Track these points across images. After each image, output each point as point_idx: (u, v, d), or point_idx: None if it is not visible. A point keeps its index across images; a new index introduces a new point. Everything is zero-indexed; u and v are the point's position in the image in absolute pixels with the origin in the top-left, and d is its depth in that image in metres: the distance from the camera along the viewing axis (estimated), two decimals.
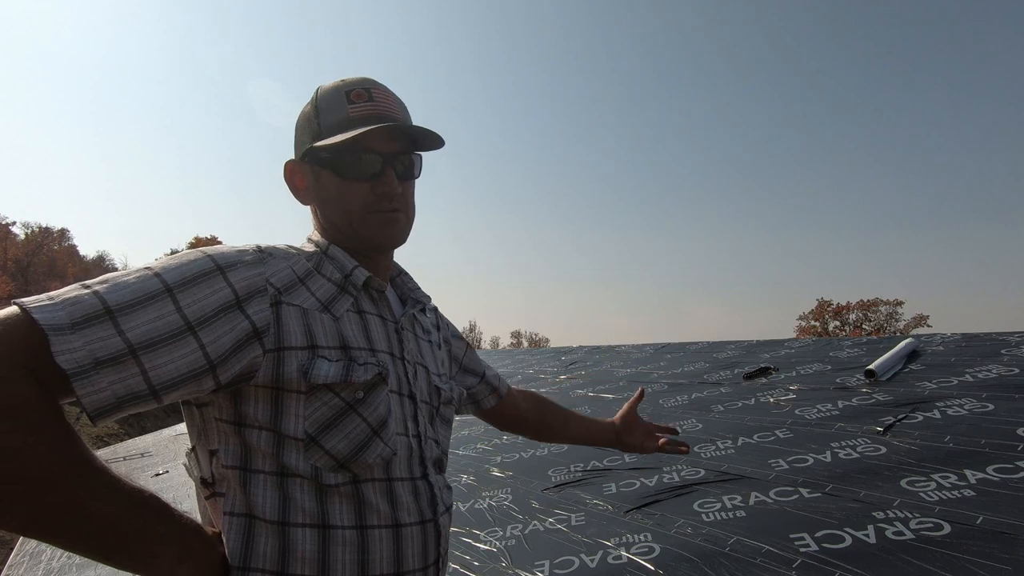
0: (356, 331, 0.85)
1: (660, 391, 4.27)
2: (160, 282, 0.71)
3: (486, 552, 2.22)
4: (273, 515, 0.76)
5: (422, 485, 0.87)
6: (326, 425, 0.78)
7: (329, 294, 0.85)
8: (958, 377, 3.11)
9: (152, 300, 0.69)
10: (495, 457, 3.49)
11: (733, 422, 3.19)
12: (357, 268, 0.89)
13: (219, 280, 0.74)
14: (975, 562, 1.54)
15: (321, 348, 0.80)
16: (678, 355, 5.50)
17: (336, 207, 0.90)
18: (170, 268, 0.73)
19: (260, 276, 0.78)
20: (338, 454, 0.78)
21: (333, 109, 0.89)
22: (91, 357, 0.64)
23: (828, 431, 2.74)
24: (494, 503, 2.73)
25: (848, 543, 1.76)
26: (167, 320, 0.69)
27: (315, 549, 0.76)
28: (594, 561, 1.98)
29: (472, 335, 72.60)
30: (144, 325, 0.67)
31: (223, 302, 0.73)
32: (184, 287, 0.71)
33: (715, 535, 1.98)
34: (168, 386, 0.69)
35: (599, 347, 6.91)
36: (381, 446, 0.81)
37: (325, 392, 0.78)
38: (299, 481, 0.77)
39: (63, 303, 0.65)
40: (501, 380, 1.30)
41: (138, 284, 0.70)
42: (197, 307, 0.71)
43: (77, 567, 3.60)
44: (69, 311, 0.65)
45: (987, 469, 2.03)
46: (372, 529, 0.80)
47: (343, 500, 0.79)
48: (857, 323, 39.19)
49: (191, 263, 0.74)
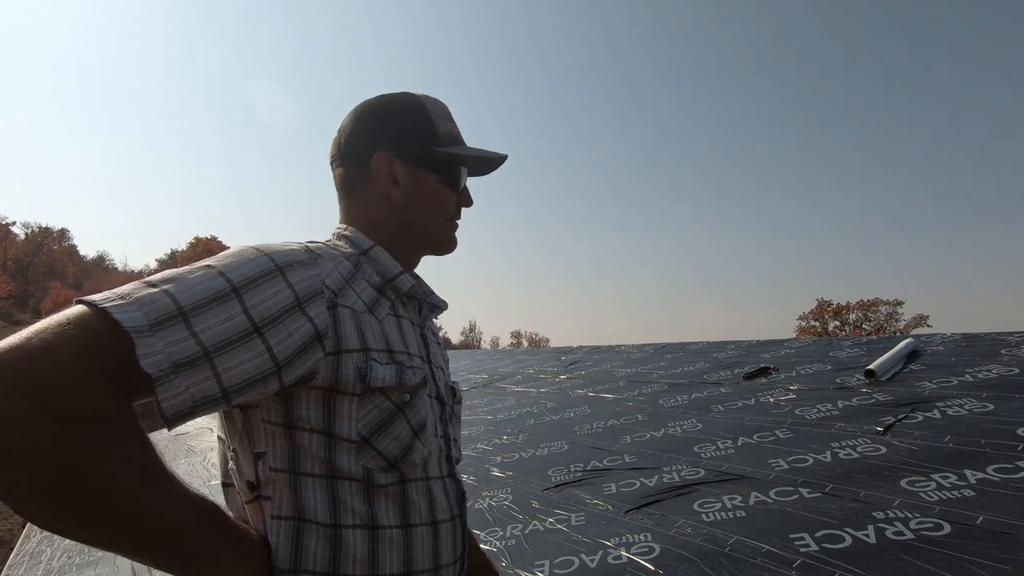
0: (396, 335, 0.86)
1: (660, 391, 4.27)
2: (225, 281, 0.69)
3: (486, 552, 2.22)
4: (325, 517, 0.76)
5: (450, 483, 0.90)
6: (378, 427, 0.79)
7: (371, 297, 0.86)
8: (958, 377, 3.11)
9: (220, 300, 0.68)
10: (495, 457, 3.49)
11: (733, 422, 3.19)
12: (403, 274, 0.91)
13: (280, 281, 0.73)
14: (975, 562, 1.54)
15: (372, 351, 0.81)
16: (678, 355, 5.50)
17: (430, 209, 0.96)
18: (232, 267, 0.71)
19: (316, 277, 0.77)
20: (389, 455, 0.80)
21: (443, 121, 0.97)
22: (170, 360, 0.63)
23: (828, 431, 2.74)
24: (494, 503, 2.73)
25: (848, 543, 1.76)
26: (236, 321, 0.68)
27: (365, 549, 0.77)
28: (594, 561, 1.98)
29: (472, 335, 72.57)
30: (216, 327, 0.66)
31: (286, 303, 0.72)
32: (248, 287, 0.70)
33: (715, 535, 1.98)
34: (239, 388, 0.69)
35: (599, 347, 6.91)
36: (420, 447, 0.84)
37: (377, 395, 0.80)
38: (348, 483, 0.78)
39: (137, 303, 0.63)
40: None
41: (205, 283, 0.68)
42: (262, 308, 0.70)
43: (77, 567, 3.60)
44: (145, 311, 0.63)
45: (987, 469, 2.03)
46: (415, 527, 0.82)
47: (389, 500, 0.80)
48: (857, 323, 39.20)
49: (251, 261, 0.73)
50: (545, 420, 4.16)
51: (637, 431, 3.41)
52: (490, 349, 16.21)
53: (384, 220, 0.94)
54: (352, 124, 0.97)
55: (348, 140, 0.96)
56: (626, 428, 3.52)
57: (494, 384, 5.96)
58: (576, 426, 3.81)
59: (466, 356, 9.03)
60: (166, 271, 0.70)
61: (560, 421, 4.04)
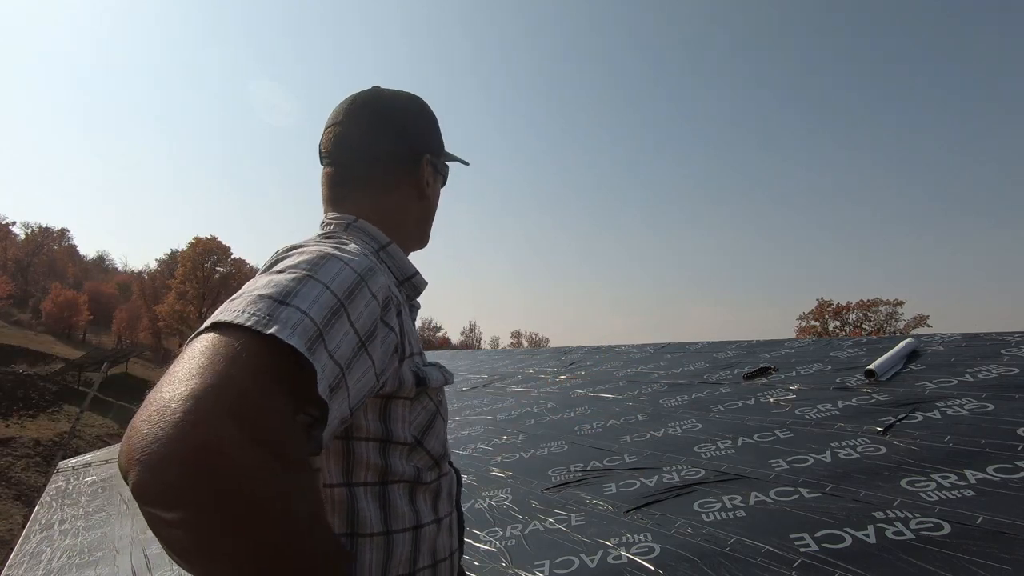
0: (415, 334, 0.87)
1: (660, 391, 4.27)
2: (333, 295, 0.64)
3: (486, 552, 2.22)
4: (378, 526, 0.74)
5: (454, 476, 0.94)
6: (425, 427, 0.82)
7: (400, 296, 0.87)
8: (958, 377, 3.11)
9: (337, 316, 0.63)
10: (495, 457, 3.49)
11: (733, 422, 3.19)
12: (418, 274, 0.93)
13: (366, 291, 0.69)
14: (975, 562, 1.54)
15: (416, 354, 0.82)
16: (678, 355, 5.49)
17: (430, 211, 1.02)
18: (329, 277, 0.66)
19: (386, 286, 0.73)
20: (435, 453, 0.83)
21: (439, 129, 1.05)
22: (327, 385, 0.59)
23: (828, 431, 2.74)
24: (494, 503, 2.73)
25: (848, 543, 1.76)
26: (351, 337, 0.64)
27: (410, 548, 0.78)
28: (594, 561, 1.98)
29: (472, 335, 72.51)
30: (342, 345, 0.62)
31: (375, 315, 0.69)
32: (349, 299, 0.65)
33: (715, 535, 1.98)
34: (357, 406, 0.66)
35: (599, 347, 6.90)
36: (440, 447, 0.87)
37: (424, 396, 0.82)
38: (398, 486, 0.78)
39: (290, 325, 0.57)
40: None
41: (323, 298, 0.63)
42: (362, 321, 0.66)
43: (77, 567, 3.60)
44: (300, 334, 0.57)
45: (987, 469, 2.03)
46: (444, 519, 0.85)
47: (428, 496, 0.82)
48: (857, 323, 39.18)
49: (340, 272, 0.67)
50: (545, 420, 4.16)
51: (637, 431, 3.41)
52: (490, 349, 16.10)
53: (406, 219, 0.96)
54: (381, 122, 0.93)
55: (379, 136, 0.92)
56: (626, 428, 3.52)
57: (494, 384, 5.96)
58: (576, 426, 3.81)
59: (466, 356, 9.02)
60: (272, 280, 0.63)
61: (560, 421, 4.04)
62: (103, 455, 8.10)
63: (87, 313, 49.72)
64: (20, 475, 19.12)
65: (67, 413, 25.11)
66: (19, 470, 19.42)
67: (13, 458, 20.00)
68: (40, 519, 5.15)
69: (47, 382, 28.21)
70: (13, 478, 18.82)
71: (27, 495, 17.50)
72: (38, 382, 27.48)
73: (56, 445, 21.43)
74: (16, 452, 20.46)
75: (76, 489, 6.06)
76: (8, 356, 33.00)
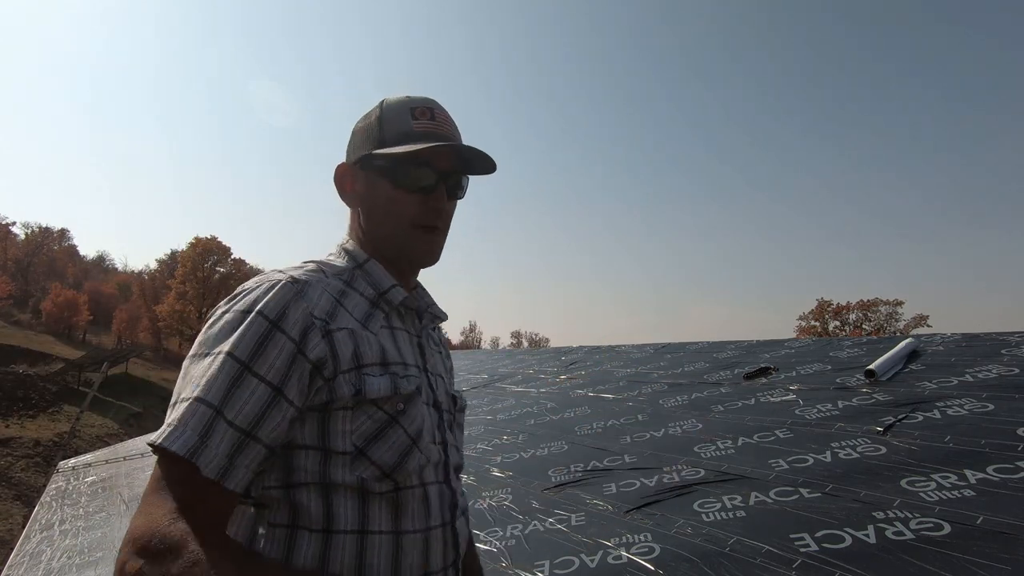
0: (391, 346, 0.88)
1: (660, 391, 4.27)
2: (236, 362, 0.75)
3: (486, 552, 2.22)
4: (317, 523, 0.78)
5: (445, 489, 0.90)
6: (372, 437, 0.81)
7: (364, 311, 0.88)
8: (958, 377, 3.11)
9: (238, 383, 0.74)
10: (495, 457, 3.49)
11: (733, 422, 3.19)
12: (395, 287, 0.92)
13: (279, 336, 0.77)
14: (975, 562, 1.54)
15: (365, 366, 0.82)
16: (678, 355, 5.49)
17: (386, 216, 0.92)
18: (236, 342, 0.76)
19: (306, 312, 0.80)
20: (384, 464, 0.81)
21: (397, 121, 0.91)
22: (227, 457, 0.72)
23: (828, 431, 2.74)
24: (494, 503, 2.73)
25: (848, 543, 1.76)
26: (260, 391, 0.75)
27: (354, 553, 0.78)
28: (594, 561, 1.98)
29: (472, 335, 72.53)
30: (247, 407, 0.74)
31: (291, 354, 0.77)
32: (257, 354, 0.76)
33: (715, 535, 1.98)
34: (280, 441, 0.77)
35: (599, 347, 6.90)
36: (419, 455, 0.85)
37: (370, 406, 0.81)
38: (343, 490, 0.79)
39: (183, 424, 0.72)
40: None
41: (223, 370, 0.75)
42: (277, 367, 0.76)
43: (77, 567, 3.59)
44: (191, 427, 0.72)
45: (987, 469, 2.03)
46: (407, 533, 0.83)
47: (383, 506, 0.81)
48: (857, 323, 39.19)
49: (250, 328, 0.77)
50: (545, 420, 4.16)
51: (637, 431, 3.40)
52: (490, 349, 16.12)
53: (366, 232, 0.95)
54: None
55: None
56: (626, 428, 3.52)
57: (494, 384, 5.96)
58: (576, 426, 3.81)
59: (466, 356, 9.02)
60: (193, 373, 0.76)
61: (560, 421, 4.04)
62: (103, 455, 8.10)
63: (87, 313, 49.72)
64: (20, 475, 19.12)
65: (67, 413, 25.10)
66: (19, 470, 19.42)
67: (13, 458, 20.00)
68: (40, 519, 5.15)
69: (47, 382, 28.19)
70: (13, 478, 18.81)
71: (27, 495, 17.50)
72: (38, 382, 27.47)
73: (56, 445, 21.42)
74: (16, 452, 20.46)
75: (76, 489, 6.06)
76: (8, 356, 32.99)
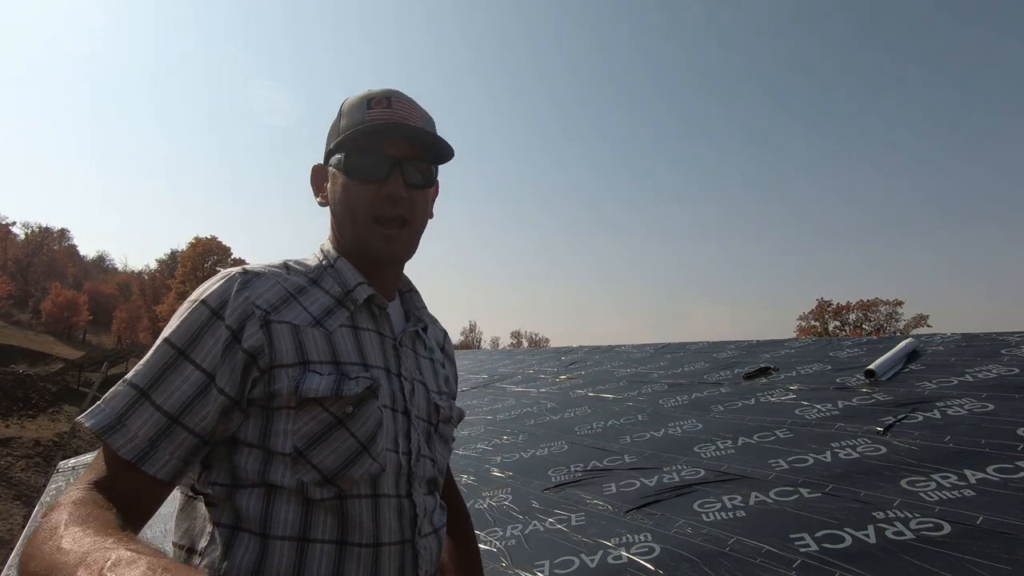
0: (349, 346, 0.84)
1: (660, 391, 4.27)
2: (171, 348, 0.76)
3: (486, 552, 2.21)
4: (256, 526, 0.76)
5: (406, 504, 0.85)
6: (314, 439, 0.77)
7: (324, 308, 0.85)
8: (958, 377, 3.11)
9: (172, 367, 0.76)
10: (495, 457, 3.49)
11: (733, 422, 3.18)
12: (361, 285, 0.89)
13: (218, 324, 0.77)
14: (975, 562, 1.54)
15: (312, 363, 0.80)
16: (678, 355, 5.49)
17: (343, 209, 0.89)
18: (177, 330, 0.77)
19: (247, 301, 0.79)
20: (325, 468, 0.77)
21: (353, 114, 0.90)
22: (147, 438, 0.73)
23: (828, 431, 2.74)
24: (494, 503, 2.73)
25: (848, 543, 1.76)
26: (193, 378, 0.75)
27: (291, 562, 0.75)
28: (594, 561, 1.98)
29: (472, 335, 72.51)
30: (176, 393, 0.74)
31: (226, 342, 0.77)
32: (194, 343, 0.77)
33: (715, 535, 1.98)
34: (210, 431, 0.77)
35: (599, 347, 6.90)
36: (369, 461, 0.80)
37: (314, 406, 0.78)
38: (285, 494, 0.77)
39: (108, 402, 0.74)
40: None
41: (157, 354, 0.76)
42: (213, 354, 0.76)
43: None
44: (111, 406, 0.74)
45: (987, 469, 2.03)
46: (352, 546, 0.79)
47: (327, 514, 0.78)
48: (857, 323, 39.17)
49: (190, 316, 0.78)
50: (545, 420, 4.16)
51: (637, 431, 3.40)
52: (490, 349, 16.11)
53: (336, 231, 0.94)
54: None
55: None
56: (626, 428, 3.52)
57: (494, 384, 5.96)
58: (576, 426, 3.81)
59: (466, 356, 9.02)
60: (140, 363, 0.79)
61: (560, 421, 4.04)
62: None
63: (87, 313, 49.72)
64: (20, 475, 19.11)
65: (67, 413, 25.10)
66: (19, 470, 19.42)
67: (13, 458, 20.00)
68: (40, 519, 5.17)
69: (47, 382, 28.19)
70: (13, 478, 18.81)
71: (27, 495, 17.50)
72: (38, 382, 27.46)
73: (56, 445, 21.42)
74: (16, 452, 20.46)
75: None
76: (8, 356, 33.00)
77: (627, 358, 5.87)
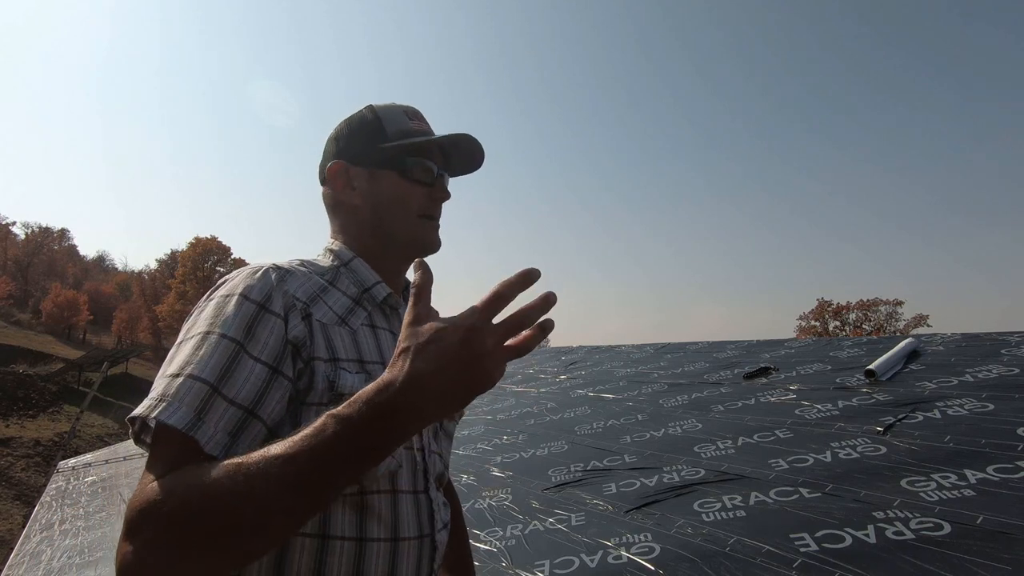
0: (371, 345, 0.87)
1: (660, 391, 4.27)
2: (231, 341, 0.75)
3: (486, 552, 2.22)
4: None
5: (423, 499, 0.87)
6: None
7: (345, 307, 0.87)
8: (958, 377, 3.11)
9: (236, 360, 0.74)
10: (495, 457, 3.49)
11: (733, 422, 3.19)
12: (379, 284, 0.92)
13: (267, 316, 0.78)
14: (975, 562, 1.54)
15: (341, 361, 0.82)
16: (678, 355, 5.49)
17: (393, 208, 0.94)
18: (227, 323, 0.76)
19: (287, 294, 0.81)
20: None
21: (396, 120, 0.95)
22: (226, 434, 0.71)
23: (828, 431, 2.74)
24: (494, 503, 2.73)
25: (848, 543, 1.76)
26: (258, 372, 0.75)
27: (311, 559, 0.76)
28: (594, 561, 1.98)
29: None
30: (246, 386, 0.73)
31: (281, 333, 0.77)
32: (249, 335, 0.76)
33: (715, 535, 1.98)
34: (278, 421, 0.76)
35: (599, 347, 6.90)
36: (388, 458, 0.79)
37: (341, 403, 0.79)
38: None
39: (177, 399, 0.70)
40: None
41: (219, 352, 0.74)
42: (272, 346, 0.76)
43: (77, 567, 3.60)
44: (185, 403, 0.70)
45: (987, 469, 2.03)
46: (371, 541, 0.80)
47: (347, 511, 0.79)
48: (857, 323, 39.16)
49: (236, 308, 0.77)
50: (545, 420, 4.16)
51: (637, 431, 3.40)
52: None
53: (357, 230, 0.95)
54: (325, 146, 1.00)
55: (322, 160, 0.99)
56: (626, 428, 3.52)
57: None
58: (576, 426, 3.81)
59: None
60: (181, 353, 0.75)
61: (560, 421, 4.04)
62: (103, 455, 8.09)
63: (87, 313, 49.72)
64: (20, 475, 19.12)
65: (67, 413, 25.11)
66: (19, 470, 19.42)
67: (13, 458, 20.00)
68: (40, 519, 5.15)
69: (47, 382, 28.20)
70: (13, 478, 18.81)
71: (27, 495, 17.50)
72: (38, 382, 27.48)
73: (56, 445, 21.42)
74: (16, 452, 20.46)
75: (76, 489, 6.06)
76: (8, 356, 32.99)
77: (627, 358, 5.88)
